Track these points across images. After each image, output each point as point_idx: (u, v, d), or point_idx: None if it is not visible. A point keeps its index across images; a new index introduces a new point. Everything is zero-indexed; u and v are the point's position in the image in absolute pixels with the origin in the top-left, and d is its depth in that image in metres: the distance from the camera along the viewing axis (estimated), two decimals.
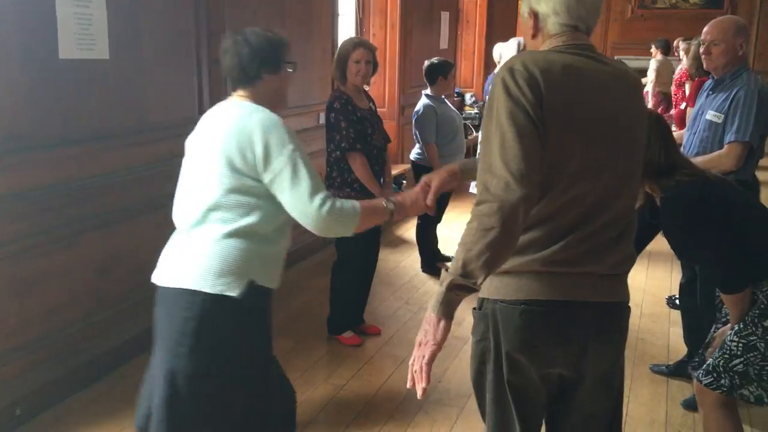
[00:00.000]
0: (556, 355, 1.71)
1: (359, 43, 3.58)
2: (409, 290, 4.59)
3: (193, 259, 2.07)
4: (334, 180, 3.59)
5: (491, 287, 1.70)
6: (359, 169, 3.50)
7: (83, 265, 3.24)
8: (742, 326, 2.29)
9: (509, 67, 1.60)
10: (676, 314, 3.93)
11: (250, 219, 2.05)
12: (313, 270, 4.79)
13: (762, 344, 2.24)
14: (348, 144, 3.48)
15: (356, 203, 2.12)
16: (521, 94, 1.56)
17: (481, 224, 1.51)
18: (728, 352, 2.30)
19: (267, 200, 2.05)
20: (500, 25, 9.70)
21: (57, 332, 3.12)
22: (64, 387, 3.13)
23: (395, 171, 6.71)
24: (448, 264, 1.74)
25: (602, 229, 1.66)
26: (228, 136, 2.05)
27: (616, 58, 11.60)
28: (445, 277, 1.55)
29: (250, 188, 2.04)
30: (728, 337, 2.32)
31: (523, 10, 1.77)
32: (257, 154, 2.01)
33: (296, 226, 2.17)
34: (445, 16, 8.11)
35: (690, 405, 3.06)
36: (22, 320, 2.98)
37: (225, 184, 2.03)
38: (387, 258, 5.26)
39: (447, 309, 1.57)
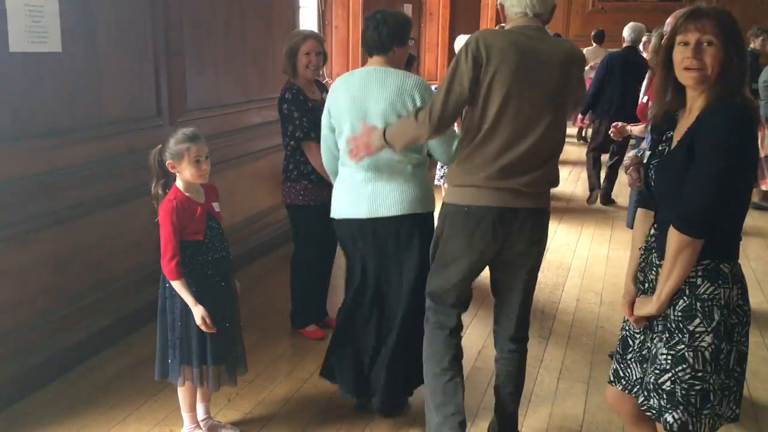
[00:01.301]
0: (488, 242, 2.46)
1: (308, 35, 3.55)
2: None
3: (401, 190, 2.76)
4: (291, 172, 3.57)
5: (448, 195, 2.53)
6: (315, 158, 3.48)
7: (39, 263, 3.17)
8: (668, 335, 1.99)
9: (468, 39, 2.37)
10: None
11: (419, 155, 2.77)
12: (276, 264, 4.76)
13: (690, 353, 1.93)
14: (302, 133, 3.46)
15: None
16: (465, 60, 2.34)
17: (413, 127, 2.45)
18: (659, 367, 1.99)
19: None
20: (463, 18, 9.73)
21: (12, 331, 3.05)
22: (20, 387, 3.06)
23: None
24: None
25: (522, 158, 2.40)
26: (393, 93, 2.66)
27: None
28: (382, 136, 2.53)
29: None
30: (659, 350, 2.01)
31: (497, 3, 2.52)
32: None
33: (249, 224, 2.15)
34: (408, 8, 8.12)
35: None
36: None
37: None
38: None
39: (380, 142, 2.55)
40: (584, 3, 12.43)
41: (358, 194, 2.80)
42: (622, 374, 2.19)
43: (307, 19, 6.50)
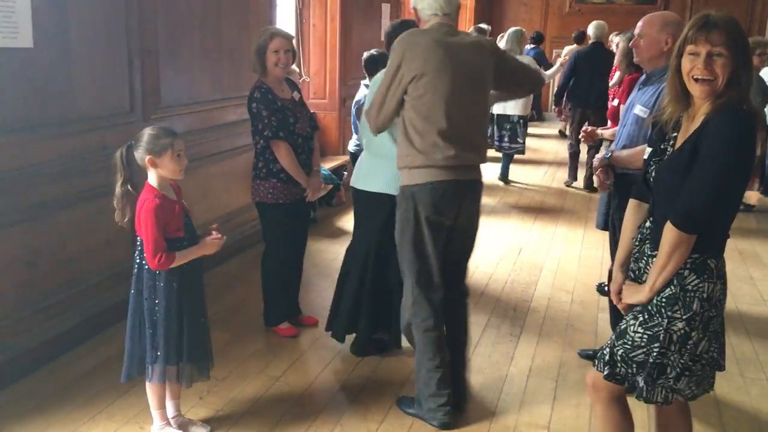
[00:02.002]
0: (449, 213, 2.87)
1: (276, 32, 3.55)
2: None
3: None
4: (260, 171, 3.58)
5: (409, 178, 2.85)
6: (284, 158, 3.49)
7: (11, 259, 3.15)
8: (647, 317, 2.13)
9: (394, 46, 2.83)
10: (605, 301, 4.06)
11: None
12: (250, 263, 4.76)
13: (662, 334, 2.09)
14: (270, 132, 3.47)
15: None
16: (393, 64, 2.80)
17: (367, 122, 3.05)
18: (630, 342, 2.16)
19: None
20: None
21: None
22: None
23: (336, 162, 6.73)
24: None
25: (470, 138, 2.87)
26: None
27: (554, 51, 11.95)
28: None
29: None
30: (631, 327, 2.16)
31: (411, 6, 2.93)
32: None
33: (223, 222, 2.16)
34: (385, 7, 8.14)
35: None
36: None
37: None
38: (327, 249, 5.28)
39: None
40: (561, 5, 12.55)
41: None
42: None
43: (285, 18, 6.49)
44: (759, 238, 5.93)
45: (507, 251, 5.39)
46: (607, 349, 2.24)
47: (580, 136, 4.12)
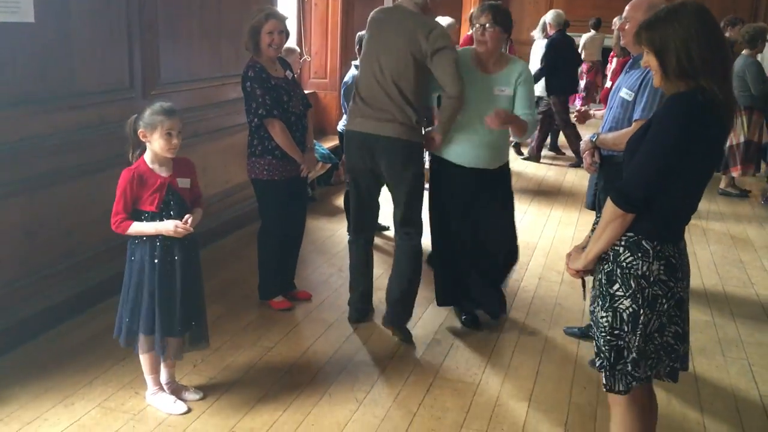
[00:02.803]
0: (358, 159, 3.51)
1: (271, 14, 3.60)
2: (342, 258, 4.68)
3: None
4: (255, 148, 3.65)
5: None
6: (278, 135, 3.56)
7: (9, 229, 3.24)
8: (601, 300, 2.18)
9: None
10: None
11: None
12: (247, 239, 4.84)
13: (610, 313, 2.15)
14: (265, 110, 3.54)
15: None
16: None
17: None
18: (600, 328, 2.21)
19: None
20: (444, 1, 9.76)
21: None
22: None
23: (335, 142, 6.78)
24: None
25: (390, 98, 3.37)
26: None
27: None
28: None
29: None
30: (598, 314, 2.20)
31: None
32: None
33: (221, 199, 2.24)
34: None
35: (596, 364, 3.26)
36: None
37: None
38: (324, 227, 5.36)
39: None
40: None
41: None
42: None
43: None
44: (752, 224, 5.99)
45: None
46: (595, 346, 2.27)
47: (573, 116, 4.18)
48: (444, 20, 6.45)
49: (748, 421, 3.01)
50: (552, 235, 5.44)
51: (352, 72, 4.85)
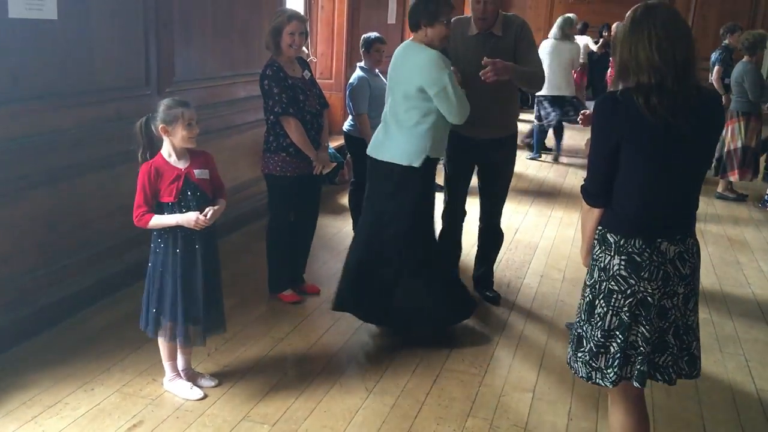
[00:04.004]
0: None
1: (293, 15, 3.71)
2: None
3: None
4: (270, 144, 3.76)
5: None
6: (293, 133, 3.67)
7: (32, 220, 3.34)
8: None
9: None
10: None
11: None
12: (258, 233, 4.92)
13: (580, 301, 2.34)
14: (281, 108, 3.64)
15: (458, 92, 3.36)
16: None
17: None
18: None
19: None
20: None
21: (6, 283, 3.23)
22: (13, 335, 3.25)
23: (340, 141, 6.87)
24: None
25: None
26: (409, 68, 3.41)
27: None
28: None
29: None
30: None
31: None
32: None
33: (231, 194, 2.33)
34: None
35: None
36: None
37: None
38: (330, 224, 5.47)
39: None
40: None
41: None
42: None
43: None
44: (749, 227, 6.11)
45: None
46: None
47: (578, 119, 4.28)
48: None
49: (744, 413, 3.12)
50: (553, 236, 5.55)
51: (358, 73, 4.95)
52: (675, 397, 3.17)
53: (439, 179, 3.95)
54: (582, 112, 4.22)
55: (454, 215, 4.12)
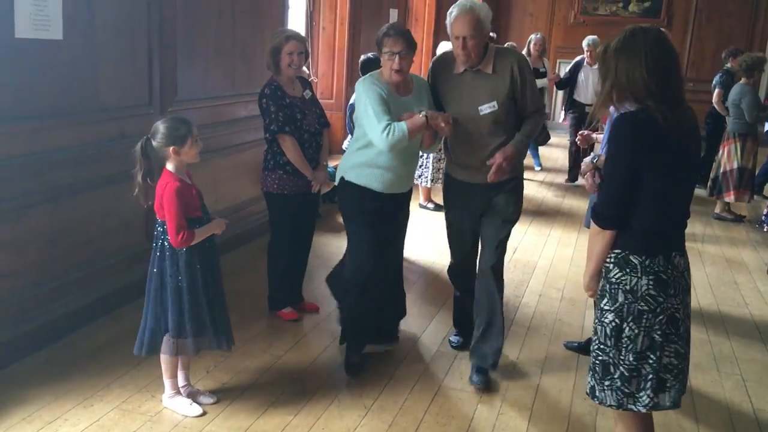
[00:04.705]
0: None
1: (291, 35, 3.76)
2: None
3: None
4: (268, 162, 3.81)
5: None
6: (289, 151, 3.71)
7: (33, 236, 3.37)
8: (595, 312, 2.34)
9: None
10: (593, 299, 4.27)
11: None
12: (257, 252, 4.97)
13: (598, 327, 2.28)
14: (277, 126, 3.69)
15: (403, 125, 3.11)
16: None
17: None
18: (593, 343, 2.34)
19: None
20: None
21: (7, 298, 3.25)
22: (14, 351, 3.26)
23: (339, 161, 6.93)
24: None
25: None
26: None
27: (558, 60, 12.20)
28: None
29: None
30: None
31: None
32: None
33: (231, 213, 2.37)
34: (393, 12, 8.37)
35: None
36: None
37: None
38: (329, 242, 5.49)
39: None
40: (566, 16, 12.79)
41: None
42: None
43: (295, 19, 6.72)
44: (746, 248, 6.14)
45: None
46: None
47: (576, 139, 4.34)
48: (447, 45, 6.65)
49: None
50: (551, 255, 5.58)
51: None
52: (672, 416, 3.18)
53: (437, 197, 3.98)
54: (580, 132, 4.29)
55: (462, 277, 3.66)
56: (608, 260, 2.26)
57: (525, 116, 3.32)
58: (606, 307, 2.26)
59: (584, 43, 8.11)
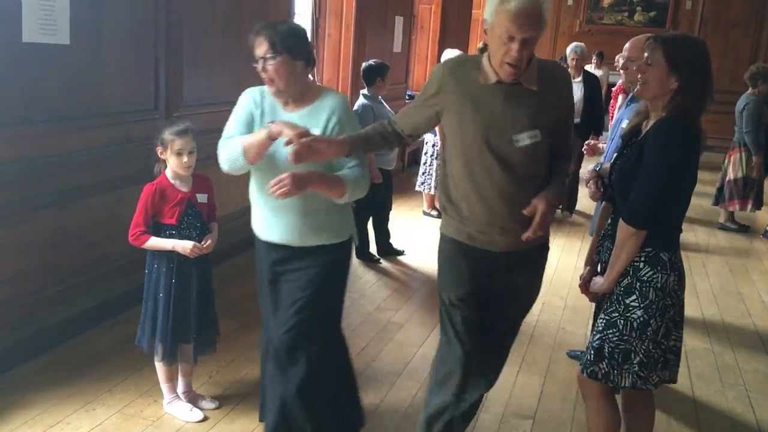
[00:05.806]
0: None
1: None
2: (349, 281, 4.82)
3: None
4: None
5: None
6: None
7: (37, 240, 3.38)
8: (608, 304, 2.39)
9: None
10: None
11: None
12: None
13: (621, 321, 2.34)
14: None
15: (240, 139, 2.52)
16: None
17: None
18: (595, 329, 2.43)
19: None
20: (453, 32, 10.03)
21: (10, 303, 3.26)
22: (16, 355, 3.27)
23: None
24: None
25: None
26: None
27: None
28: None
29: None
30: (599, 320, 2.44)
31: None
32: None
33: (234, 218, 2.38)
34: (399, 20, 8.38)
35: None
36: None
37: None
38: None
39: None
40: (571, 25, 12.83)
41: None
42: None
43: (301, 26, 6.73)
44: (750, 258, 6.12)
45: None
46: (590, 347, 2.44)
47: (583, 149, 4.30)
48: (452, 52, 6.67)
49: None
50: (555, 263, 5.56)
51: (362, 101, 5.04)
52: (675, 426, 3.17)
53: None
54: (586, 143, 4.28)
55: (486, 375, 2.58)
56: (637, 259, 2.33)
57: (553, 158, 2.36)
58: (634, 304, 2.34)
59: (568, 50, 6.99)
